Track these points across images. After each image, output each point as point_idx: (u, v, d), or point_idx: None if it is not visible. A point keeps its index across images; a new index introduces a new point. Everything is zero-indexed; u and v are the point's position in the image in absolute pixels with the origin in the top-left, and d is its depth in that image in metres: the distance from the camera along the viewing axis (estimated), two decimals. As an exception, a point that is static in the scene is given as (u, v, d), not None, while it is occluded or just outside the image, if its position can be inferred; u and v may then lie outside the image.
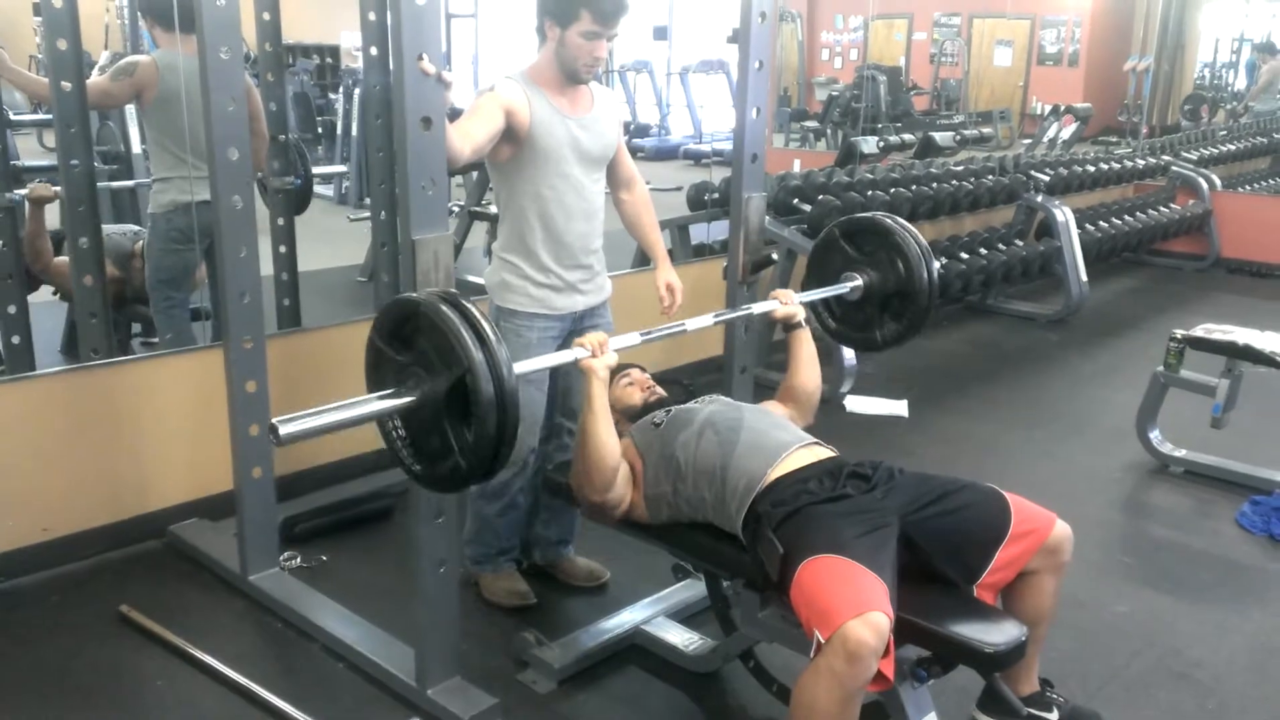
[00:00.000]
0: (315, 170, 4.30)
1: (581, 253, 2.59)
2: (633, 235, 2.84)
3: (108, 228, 3.82)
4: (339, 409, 1.70)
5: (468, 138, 2.28)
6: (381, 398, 1.76)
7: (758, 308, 2.48)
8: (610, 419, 2.17)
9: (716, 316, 2.40)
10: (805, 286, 2.64)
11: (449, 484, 1.82)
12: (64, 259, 3.58)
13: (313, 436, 1.68)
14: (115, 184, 4.37)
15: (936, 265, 2.53)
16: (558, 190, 2.52)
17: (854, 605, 1.72)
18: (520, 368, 1.82)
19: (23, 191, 3.47)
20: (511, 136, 2.44)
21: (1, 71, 3.24)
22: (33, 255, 3.68)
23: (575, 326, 2.64)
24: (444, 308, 1.70)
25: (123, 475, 3.01)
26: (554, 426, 2.74)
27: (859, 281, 2.55)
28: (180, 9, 3.48)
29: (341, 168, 7.26)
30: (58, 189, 3.29)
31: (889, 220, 2.55)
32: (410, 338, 1.76)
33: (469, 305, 1.72)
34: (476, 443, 1.69)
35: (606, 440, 2.14)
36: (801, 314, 2.47)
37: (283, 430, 1.63)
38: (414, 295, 1.78)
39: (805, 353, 2.48)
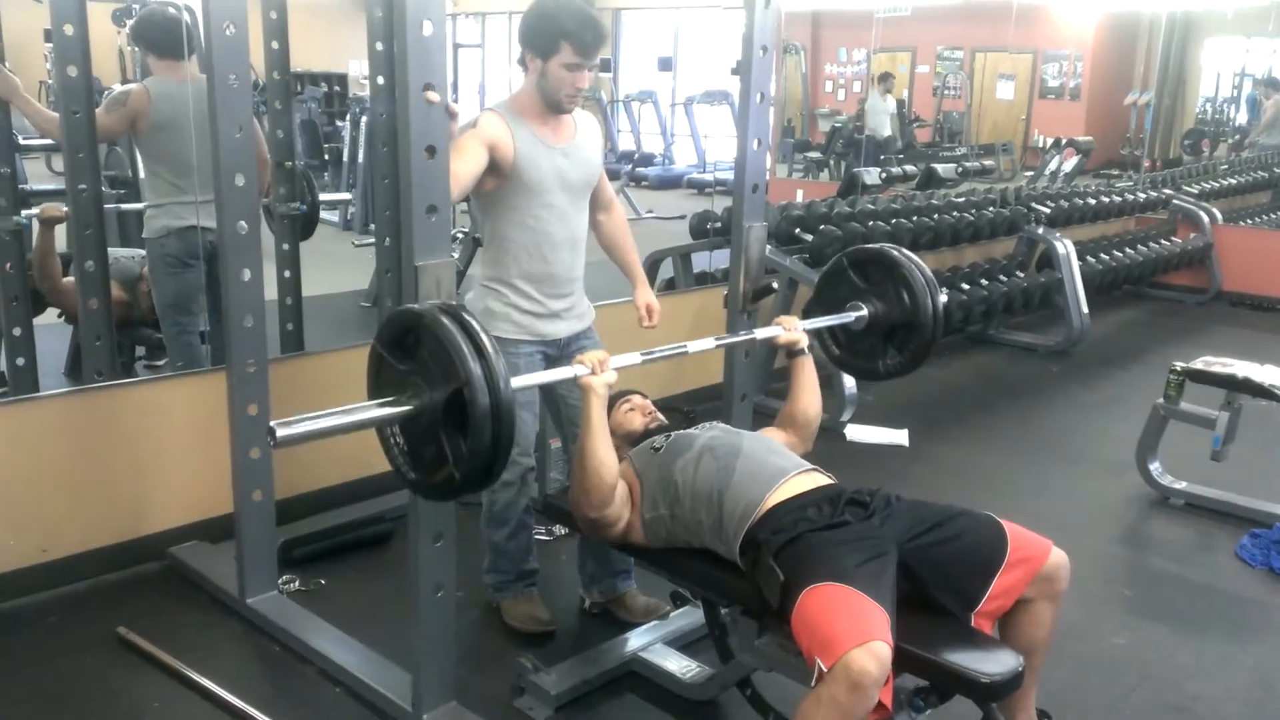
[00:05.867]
0: (322, 197, 4.33)
1: (565, 282, 2.61)
2: (610, 256, 2.85)
3: (114, 251, 3.85)
4: (338, 414, 1.73)
5: (455, 180, 2.24)
6: (381, 405, 1.78)
7: (761, 333, 2.48)
8: (608, 436, 2.18)
9: (718, 340, 2.41)
10: (810, 313, 2.64)
11: (443, 493, 1.84)
12: (72, 280, 3.60)
13: (310, 439, 1.69)
14: (125, 206, 4.39)
15: (942, 298, 2.53)
16: (543, 220, 2.53)
17: (856, 634, 1.72)
18: (518, 382, 1.84)
19: (31, 212, 3.50)
20: (496, 169, 2.45)
21: (14, 100, 3.27)
22: (41, 274, 3.69)
23: (562, 353, 2.65)
24: (445, 319, 1.72)
25: (123, 497, 3.02)
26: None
27: (864, 311, 2.55)
28: (172, 37, 3.53)
29: (346, 195, 7.34)
30: (68, 209, 3.32)
31: (896, 252, 2.55)
32: (412, 348, 1.78)
33: (469, 318, 1.74)
34: (472, 454, 1.71)
35: (604, 458, 2.16)
36: (805, 341, 2.48)
37: (279, 432, 1.66)
38: (416, 306, 1.81)
39: (807, 379, 2.48)
